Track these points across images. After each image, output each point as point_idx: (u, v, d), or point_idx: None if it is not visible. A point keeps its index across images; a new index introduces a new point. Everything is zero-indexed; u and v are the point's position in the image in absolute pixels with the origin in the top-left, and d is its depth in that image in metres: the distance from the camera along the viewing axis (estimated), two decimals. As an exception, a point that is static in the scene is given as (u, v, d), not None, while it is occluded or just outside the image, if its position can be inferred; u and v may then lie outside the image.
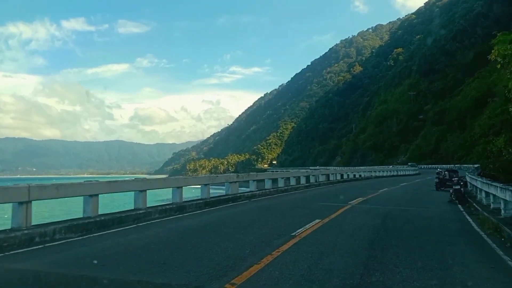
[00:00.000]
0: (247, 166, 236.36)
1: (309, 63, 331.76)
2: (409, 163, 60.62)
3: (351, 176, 39.00)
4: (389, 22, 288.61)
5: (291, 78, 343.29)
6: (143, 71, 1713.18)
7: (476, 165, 49.02)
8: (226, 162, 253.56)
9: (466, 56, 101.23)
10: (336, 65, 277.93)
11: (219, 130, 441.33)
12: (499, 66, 14.59)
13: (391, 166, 70.02)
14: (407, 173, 56.26)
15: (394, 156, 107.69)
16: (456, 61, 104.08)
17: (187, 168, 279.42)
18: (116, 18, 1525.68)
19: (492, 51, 14.72)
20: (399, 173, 55.42)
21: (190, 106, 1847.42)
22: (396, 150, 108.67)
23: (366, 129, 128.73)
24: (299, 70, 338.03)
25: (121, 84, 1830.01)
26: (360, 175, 41.49)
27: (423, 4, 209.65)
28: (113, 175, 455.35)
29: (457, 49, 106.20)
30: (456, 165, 66.55)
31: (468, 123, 79.46)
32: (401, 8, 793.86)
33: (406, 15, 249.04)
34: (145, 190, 12.34)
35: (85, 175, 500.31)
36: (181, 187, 14.41)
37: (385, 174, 50.60)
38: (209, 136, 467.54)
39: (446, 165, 75.54)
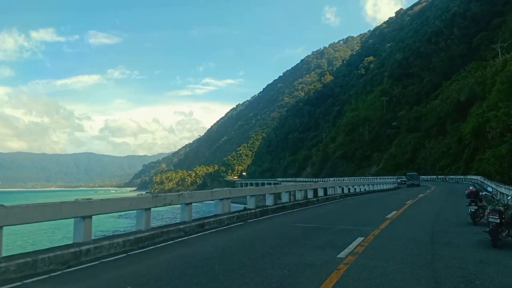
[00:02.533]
0: (216, 178, 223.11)
1: (281, 74, 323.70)
2: (408, 174, 49.23)
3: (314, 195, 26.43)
4: (360, 34, 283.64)
5: (263, 89, 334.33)
6: (114, 82, 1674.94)
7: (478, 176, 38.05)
8: (194, 174, 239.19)
9: (443, 58, 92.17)
10: (307, 76, 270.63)
11: (191, 142, 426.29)
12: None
13: (379, 178, 59.01)
14: (383, 187, 43.29)
15: (366, 167, 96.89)
16: (431, 64, 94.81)
17: (154, 180, 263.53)
18: (87, 29, 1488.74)
19: None
20: (372, 188, 40.84)
21: (162, 117, 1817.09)
22: (368, 160, 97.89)
23: (336, 138, 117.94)
24: (271, 81, 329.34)
25: (91, 96, 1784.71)
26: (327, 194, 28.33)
27: (393, 14, 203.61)
28: (82, 188, 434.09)
29: (432, 51, 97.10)
30: (448, 176, 55.81)
31: (448, 128, 69.29)
32: (372, 21, 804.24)
33: (377, 26, 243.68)
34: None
35: (53, 188, 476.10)
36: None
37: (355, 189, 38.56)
38: (180, 147, 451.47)
39: (430, 176, 65.17)
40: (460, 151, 54.49)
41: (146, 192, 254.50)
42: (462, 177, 48.11)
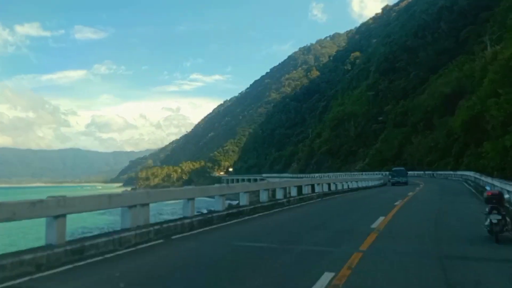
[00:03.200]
0: (202, 174, 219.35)
1: (268, 70, 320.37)
2: (394, 169, 40.46)
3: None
4: (347, 31, 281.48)
5: (250, 85, 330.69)
6: (101, 77, 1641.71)
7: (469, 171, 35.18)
8: (180, 170, 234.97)
9: (429, 52, 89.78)
10: (294, 72, 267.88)
11: (178, 138, 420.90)
12: None
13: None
14: (369, 184, 38.88)
15: (352, 162, 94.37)
16: (418, 58, 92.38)
17: (139, 176, 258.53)
18: (73, 24, 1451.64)
19: None
20: (356, 186, 32.27)
21: (149, 113, 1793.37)
22: (354, 156, 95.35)
23: (322, 134, 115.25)
24: (259, 77, 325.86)
25: (77, 91, 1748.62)
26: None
27: (380, 11, 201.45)
28: (68, 185, 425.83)
29: (419, 45, 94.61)
30: (437, 172, 52.99)
31: (436, 123, 66.81)
32: (358, 18, 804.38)
33: (363, 22, 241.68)
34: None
35: (38, 185, 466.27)
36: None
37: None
38: (167, 143, 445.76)
39: (417, 172, 62.45)
40: (449, 146, 51.92)
41: (132, 188, 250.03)
42: (451, 172, 45.35)
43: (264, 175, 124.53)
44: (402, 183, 35.13)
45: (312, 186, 20.26)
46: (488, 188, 10.54)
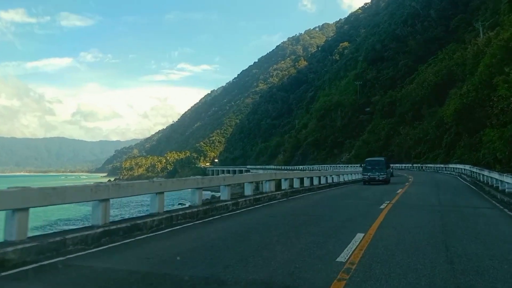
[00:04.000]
0: (187, 164, 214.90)
1: (256, 60, 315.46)
2: (368, 160, 28.93)
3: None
4: (335, 21, 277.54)
5: (238, 75, 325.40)
6: (87, 65, 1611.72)
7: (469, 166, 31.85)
8: (164, 160, 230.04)
9: (419, 41, 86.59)
10: (282, 62, 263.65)
11: (165, 128, 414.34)
12: None
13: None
14: (351, 178, 31.44)
15: (338, 154, 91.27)
16: (407, 47, 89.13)
17: (123, 166, 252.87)
18: (59, 10, 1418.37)
19: None
20: (337, 180, 27.22)
21: (136, 102, 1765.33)
22: (340, 147, 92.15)
23: (308, 125, 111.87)
24: (246, 67, 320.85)
25: (63, 79, 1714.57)
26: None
27: (369, 0, 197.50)
28: (52, 174, 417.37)
29: (408, 34, 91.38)
30: (426, 165, 49.64)
31: (424, 113, 63.73)
32: (348, 9, 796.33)
33: (352, 12, 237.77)
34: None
35: (22, 173, 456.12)
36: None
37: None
38: (154, 133, 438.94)
39: (405, 164, 59.26)
40: (439, 137, 48.80)
41: (115, 179, 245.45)
42: (442, 165, 42.08)
43: (248, 166, 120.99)
44: (380, 181, 24.79)
45: (279, 182, 16.51)
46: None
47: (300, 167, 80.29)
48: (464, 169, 30.83)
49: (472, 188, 20.45)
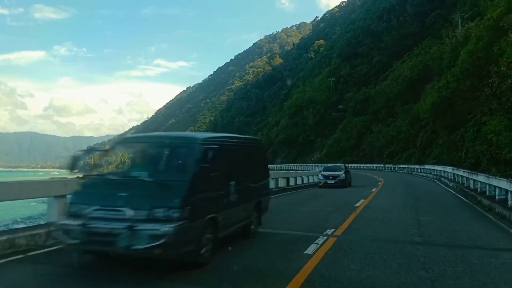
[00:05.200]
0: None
1: (233, 57, 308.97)
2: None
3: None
4: (312, 20, 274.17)
5: (214, 71, 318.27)
6: (61, 59, 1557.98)
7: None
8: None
9: (394, 37, 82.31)
10: (259, 59, 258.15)
11: (139, 124, 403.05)
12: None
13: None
14: (305, 182, 23.98)
15: (309, 153, 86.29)
16: (382, 42, 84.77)
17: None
18: (32, 2, 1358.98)
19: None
20: (283, 185, 20.37)
21: (111, 98, 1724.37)
22: (311, 146, 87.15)
23: (280, 122, 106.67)
24: (223, 64, 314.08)
25: (36, 72, 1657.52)
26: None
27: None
28: (22, 169, 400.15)
29: (383, 29, 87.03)
30: (399, 165, 44.41)
31: (398, 110, 59.12)
32: (325, 8, 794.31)
33: (328, 10, 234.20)
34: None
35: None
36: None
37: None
38: (128, 129, 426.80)
39: (376, 164, 54.15)
40: (413, 135, 43.94)
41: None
42: (417, 166, 36.80)
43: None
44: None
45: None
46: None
47: (272, 166, 74.77)
48: (445, 172, 25.51)
49: (462, 199, 14.76)
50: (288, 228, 8.06)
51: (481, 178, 14.09)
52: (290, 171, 36.64)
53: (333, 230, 7.61)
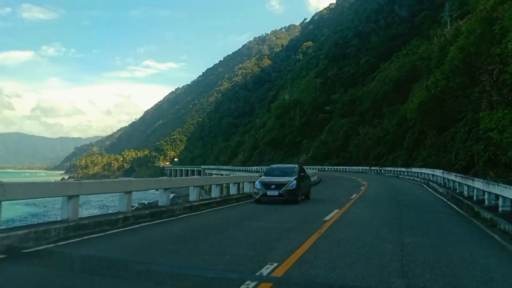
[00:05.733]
0: (145, 163, 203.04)
1: (222, 59, 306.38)
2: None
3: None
4: (301, 22, 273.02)
5: (203, 73, 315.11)
6: (49, 60, 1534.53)
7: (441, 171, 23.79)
8: (121, 159, 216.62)
9: (382, 38, 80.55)
10: (248, 61, 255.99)
11: (127, 125, 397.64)
12: None
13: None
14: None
15: (295, 154, 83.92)
16: (370, 43, 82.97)
17: (78, 164, 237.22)
18: (20, 2, 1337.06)
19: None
20: (216, 195, 15.24)
21: (99, 99, 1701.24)
22: (298, 147, 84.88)
23: (267, 123, 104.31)
24: (212, 66, 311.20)
25: (23, 73, 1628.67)
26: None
27: (334, 1, 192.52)
28: (8, 170, 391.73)
29: (371, 30, 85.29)
30: (385, 168, 42.16)
31: (385, 112, 57.01)
32: (314, 11, 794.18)
33: (317, 12, 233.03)
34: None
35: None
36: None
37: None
38: (116, 130, 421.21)
39: (362, 167, 51.92)
40: (400, 137, 41.78)
41: (69, 177, 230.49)
42: (404, 169, 34.50)
43: (202, 166, 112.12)
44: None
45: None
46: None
47: (253, 168, 72.10)
48: (434, 175, 23.16)
49: (456, 210, 12.08)
50: (205, 264, 5.34)
51: (478, 184, 11.70)
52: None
53: (274, 265, 5.07)
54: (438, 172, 21.17)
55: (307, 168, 52.47)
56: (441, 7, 71.17)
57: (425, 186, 23.01)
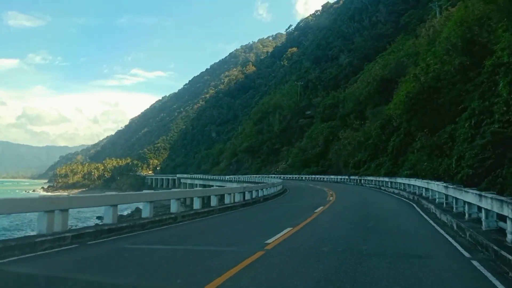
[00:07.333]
0: (126, 172, 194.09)
1: (208, 67, 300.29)
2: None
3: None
4: (286, 28, 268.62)
5: (189, 81, 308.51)
6: (35, 67, 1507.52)
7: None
8: (102, 167, 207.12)
9: (366, 38, 74.50)
10: (234, 69, 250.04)
11: (113, 134, 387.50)
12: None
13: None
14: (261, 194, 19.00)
15: (274, 162, 77.01)
16: (353, 44, 76.83)
17: (57, 173, 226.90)
18: (6, 9, 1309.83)
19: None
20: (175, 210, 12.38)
21: (86, 107, 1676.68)
22: (277, 155, 77.90)
23: (245, 129, 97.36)
24: (198, 73, 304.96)
25: (9, 81, 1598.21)
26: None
27: (320, 8, 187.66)
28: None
29: (355, 30, 79.26)
30: (365, 178, 34.99)
31: (368, 114, 50.37)
32: (301, 18, 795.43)
33: (302, 18, 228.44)
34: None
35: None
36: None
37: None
38: (102, 139, 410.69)
39: (341, 176, 44.74)
40: (384, 141, 34.93)
41: (48, 186, 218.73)
42: (387, 180, 27.15)
43: (178, 175, 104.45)
44: None
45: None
46: None
47: (227, 177, 64.79)
48: (428, 189, 15.66)
49: (494, 283, 5.38)
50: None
51: None
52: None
53: None
54: (435, 185, 13.76)
55: (282, 177, 45.07)
56: (426, 5, 65.63)
57: (415, 206, 15.25)
